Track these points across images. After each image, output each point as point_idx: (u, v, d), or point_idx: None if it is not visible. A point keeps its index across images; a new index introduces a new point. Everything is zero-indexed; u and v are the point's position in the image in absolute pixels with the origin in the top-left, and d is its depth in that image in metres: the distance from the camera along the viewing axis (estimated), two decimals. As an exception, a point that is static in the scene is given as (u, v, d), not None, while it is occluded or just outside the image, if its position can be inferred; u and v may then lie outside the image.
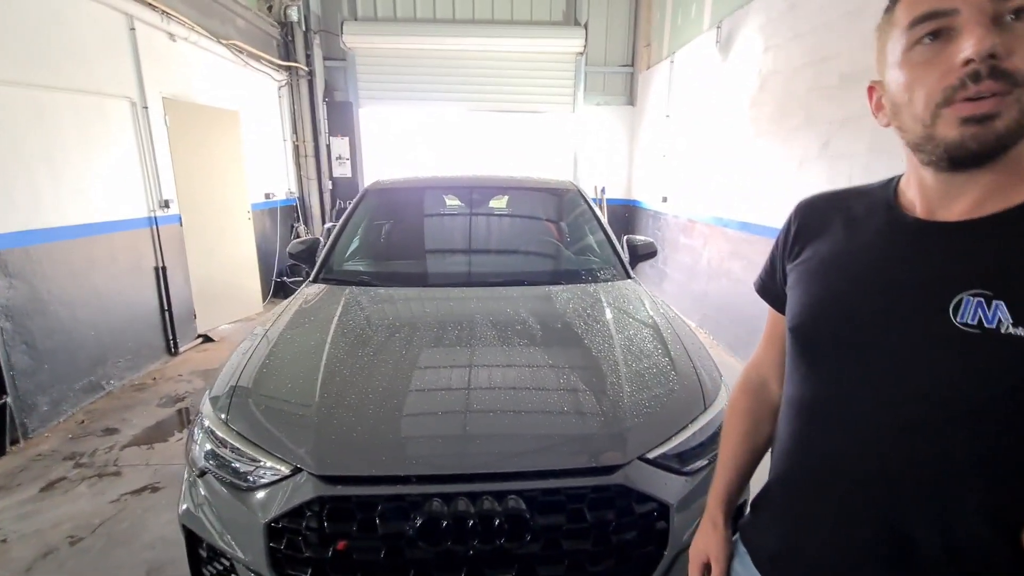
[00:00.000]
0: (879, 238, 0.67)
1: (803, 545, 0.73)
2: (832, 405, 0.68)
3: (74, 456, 2.77)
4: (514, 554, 1.19)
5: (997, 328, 0.54)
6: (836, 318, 0.68)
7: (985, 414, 0.56)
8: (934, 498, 0.60)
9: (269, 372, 1.56)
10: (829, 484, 0.69)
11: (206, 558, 1.37)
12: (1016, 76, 0.51)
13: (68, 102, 3.20)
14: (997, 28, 0.52)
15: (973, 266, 0.58)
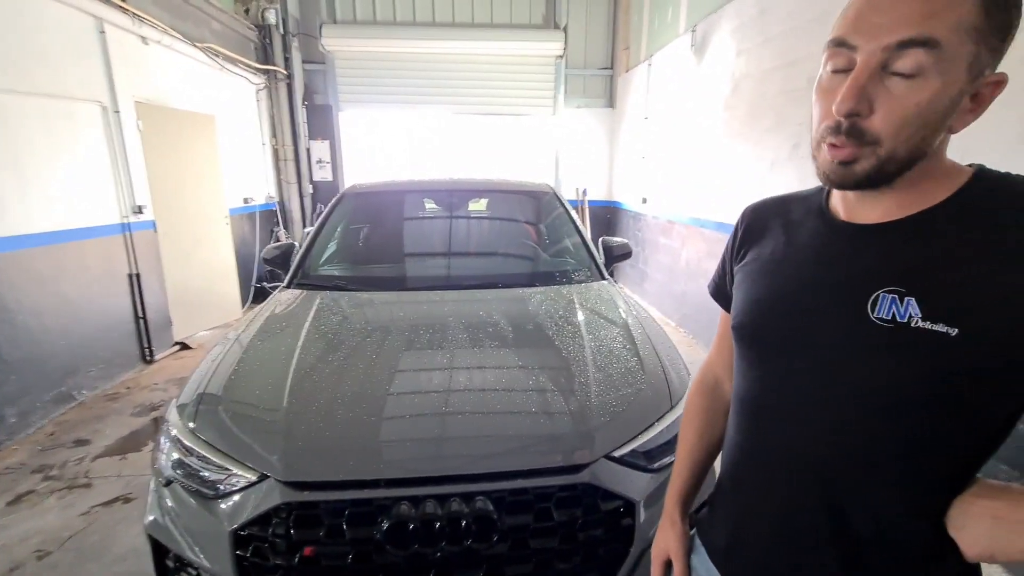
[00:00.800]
0: (811, 240, 0.70)
1: (750, 538, 0.75)
2: (772, 401, 0.70)
3: (43, 469, 2.71)
4: (482, 555, 1.20)
5: (908, 323, 0.57)
6: (774, 317, 0.70)
7: (902, 406, 0.59)
8: (865, 488, 0.63)
9: (238, 379, 1.54)
10: (772, 478, 0.71)
11: (173, 568, 1.35)
12: (869, 136, 0.56)
13: (35, 107, 3.13)
14: (879, 79, 0.55)
15: (889, 265, 0.61)
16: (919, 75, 0.53)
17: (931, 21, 0.52)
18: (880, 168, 0.58)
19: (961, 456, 0.60)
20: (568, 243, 2.61)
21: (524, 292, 2.15)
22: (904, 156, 0.57)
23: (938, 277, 0.57)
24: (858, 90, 0.55)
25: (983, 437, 0.60)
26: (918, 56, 0.52)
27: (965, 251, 0.57)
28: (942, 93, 0.54)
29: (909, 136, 0.56)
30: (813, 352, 0.65)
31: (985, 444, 0.60)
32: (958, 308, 0.55)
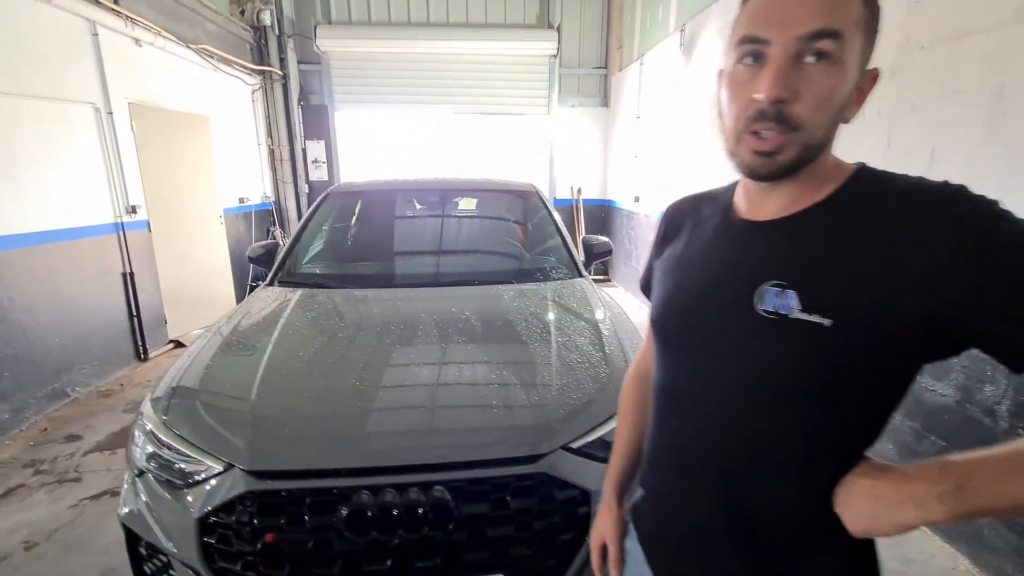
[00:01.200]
0: (714, 237, 0.73)
1: (667, 523, 0.79)
2: (676, 391, 0.74)
3: (34, 463, 2.76)
4: (439, 542, 1.24)
5: (788, 315, 0.60)
6: (676, 312, 0.74)
7: (785, 394, 0.63)
8: (758, 475, 0.67)
9: (211, 372, 1.59)
10: (679, 464, 0.75)
11: (145, 555, 1.40)
12: (794, 121, 0.58)
13: (29, 109, 3.19)
14: (796, 68, 0.58)
15: (773, 260, 0.64)
16: (829, 63, 0.57)
17: (835, 14, 0.57)
18: (802, 156, 0.61)
19: (847, 440, 0.63)
20: (548, 241, 2.65)
21: (499, 289, 2.19)
22: (819, 142, 0.61)
23: (815, 271, 0.61)
24: (782, 77, 0.58)
25: (867, 421, 0.63)
26: (828, 45, 0.57)
27: (840, 246, 0.60)
28: (845, 81, 0.58)
29: (824, 121, 0.60)
30: (708, 345, 0.69)
31: (871, 427, 0.64)
32: (832, 300, 0.59)
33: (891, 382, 0.61)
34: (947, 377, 2.07)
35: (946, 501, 0.53)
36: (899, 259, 0.57)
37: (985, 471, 0.53)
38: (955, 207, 0.57)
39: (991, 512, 0.54)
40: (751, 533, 0.69)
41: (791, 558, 0.67)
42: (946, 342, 0.58)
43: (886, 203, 0.60)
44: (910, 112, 2.20)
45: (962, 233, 0.55)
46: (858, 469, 0.62)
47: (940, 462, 0.56)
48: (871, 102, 2.13)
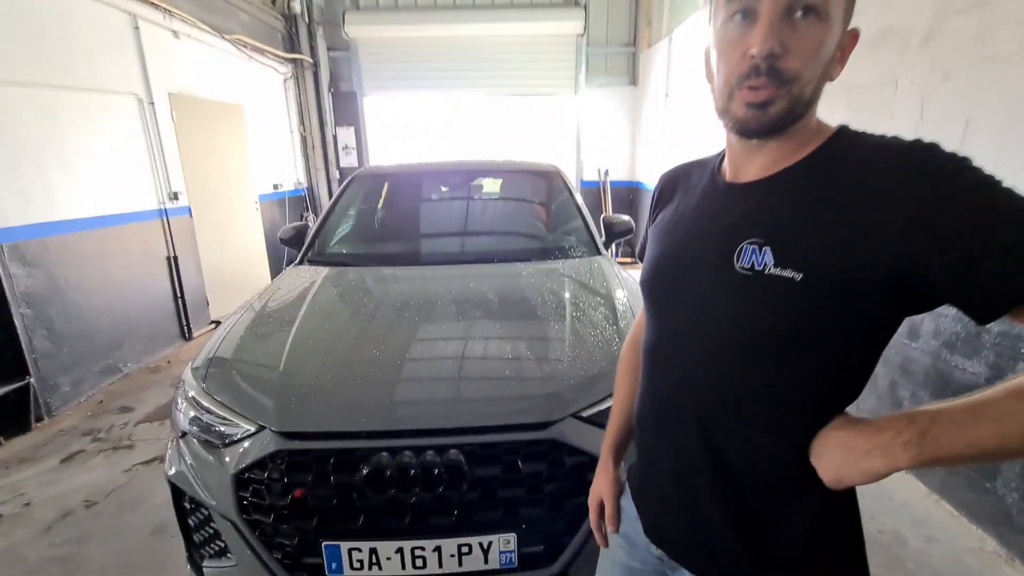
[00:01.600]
0: (700, 201, 0.76)
1: (652, 474, 0.83)
2: (662, 347, 0.78)
3: (92, 432, 3.00)
4: (453, 501, 1.31)
5: (763, 270, 0.63)
6: (665, 273, 0.78)
7: (761, 346, 0.66)
8: (735, 424, 0.70)
9: (244, 344, 1.70)
10: (662, 419, 0.79)
11: (189, 509, 1.53)
12: (786, 75, 0.61)
13: (77, 100, 3.39)
14: (787, 22, 0.60)
15: (751, 219, 0.67)
16: (817, 18, 0.60)
17: None
18: (790, 110, 0.63)
19: (820, 393, 0.66)
20: (568, 220, 2.67)
21: (519, 267, 2.23)
22: (808, 97, 0.63)
23: (789, 228, 0.64)
24: (775, 30, 0.60)
25: (841, 375, 0.65)
26: (816, 2, 0.59)
27: (813, 204, 0.63)
28: (832, 37, 0.61)
29: (813, 76, 0.62)
30: (692, 302, 0.72)
31: (846, 381, 0.66)
32: (803, 255, 0.61)
33: (863, 335, 0.63)
34: (978, 355, 2.02)
35: (910, 448, 0.56)
36: (866, 214, 0.58)
37: (947, 419, 0.55)
38: (921, 164, 0.58)
39: (953, 458, 0.56)
40: (729, 483, 0.72)
41: (768, 507, 0.70)
42: (913, 295, 0.59)
43: (858, 161, 0.62)
44: (943, 81, 2.11)
45: (926, 188, 0.56)
46: (833, 423, 0.65)
47: (907, 413, 0.58)
48: (904, 72, 2.06)
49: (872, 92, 2.48)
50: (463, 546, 1.32)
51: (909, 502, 2.23)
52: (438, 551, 1.32)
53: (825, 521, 0.69)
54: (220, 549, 1.49)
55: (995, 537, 1.98)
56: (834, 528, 0.70)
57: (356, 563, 1.32)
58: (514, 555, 1.34)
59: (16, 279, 2.93)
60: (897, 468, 0.58)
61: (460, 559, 1.32)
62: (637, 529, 0.89)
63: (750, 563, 0.72)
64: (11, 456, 2.76)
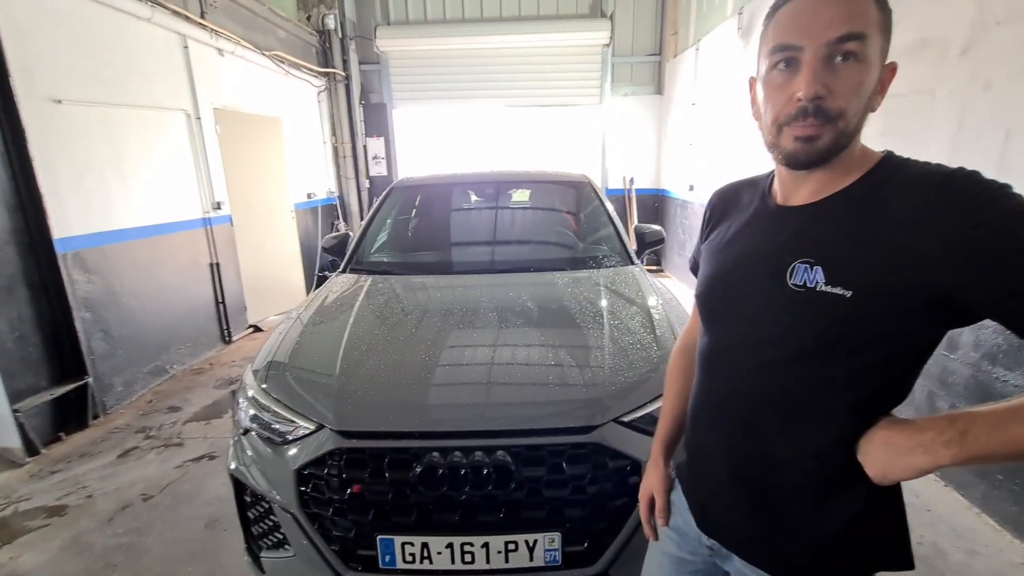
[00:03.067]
0: (753, 220, 0.82)
1: (703, 472, 0.89)
2: (716, 354, 0.84)
3: (144, 429, 3.16)
4: (501, 500, 1.38)
5: (815, 287, 0.69)
6: (719, 288, 0.85)
7: (806, 355, 0.72)
8: (782, 423, 0.77)
9: (300, 349, 1.80)
10: (714, 419, 0.85)
11: (250, 503, 1.62)
12: (831, 113, 0.68)
13: (134, 116, 3.60)
14: (828, 68, 0.67)
15: (803, 240, 0.73)
16: (857, 61, 0.66)
17: (856, 19, 0.66)
18: (836, 142, 0.69)
19: (865, 397, 0.71)
20: (600, 230, 2.73)
21: (556, 276, 2.30)
22: (852, 130, 0.70)
23: (838, 249, 0.70)
24: (818, 77, 0.67)
25: (885, 381, 0.71)
26: (853, 46, 0.66)
27: (861, 227, 0.69)
28: (871, 75, 0.67)
29: (857, 110, 0.69)
30: (746, 314, 0.79)
31: (891, 387, 0.71)
32: (852, 274, 0.67)
33: (907, 346, 0.68)
34: (1021, 367, 2.00)
35: (951, 446, 0.61)
36: (909, 239, 0.64)
37: (986, 420, 0.61)
38: (964, 190, 0.63)
39: (992, 457, 0.61)
40: (777, 479, 0.78)
41: (814, 501, 0.76)
42: (954, 312, 0.64)
43: (901, 188, 0.68)
44: (983, 91, 2.11)
45: (963, 215, 0.61)
46: (880, 423, 0.70)
47: (948, 414, 0.64)
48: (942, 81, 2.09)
49: (909, 101, 2.48)
50: (510, 543, 1.38)
51: (949, 514, 2.21)
52: (486, 547, 1.38)
53: (869, 514, 0.74)
54: (278, 541, 1.58)
55: (1040, 551, 1.95)
56: (878, 520, 0.76)
57: (408, 556, 1.40)
58: (558, 553, 1.40)
59: (77, 285, 3.12)
60: (939, 465, 0.63)
61: (507, 556, 1.39)
62: (688, 521, 0.94)
63: (798, 551, 0.78)
64: (72, 451, 2.93)
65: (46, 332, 3.02)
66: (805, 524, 0.77)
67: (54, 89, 2.98)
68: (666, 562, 1.01)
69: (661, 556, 1.02)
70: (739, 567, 0.87)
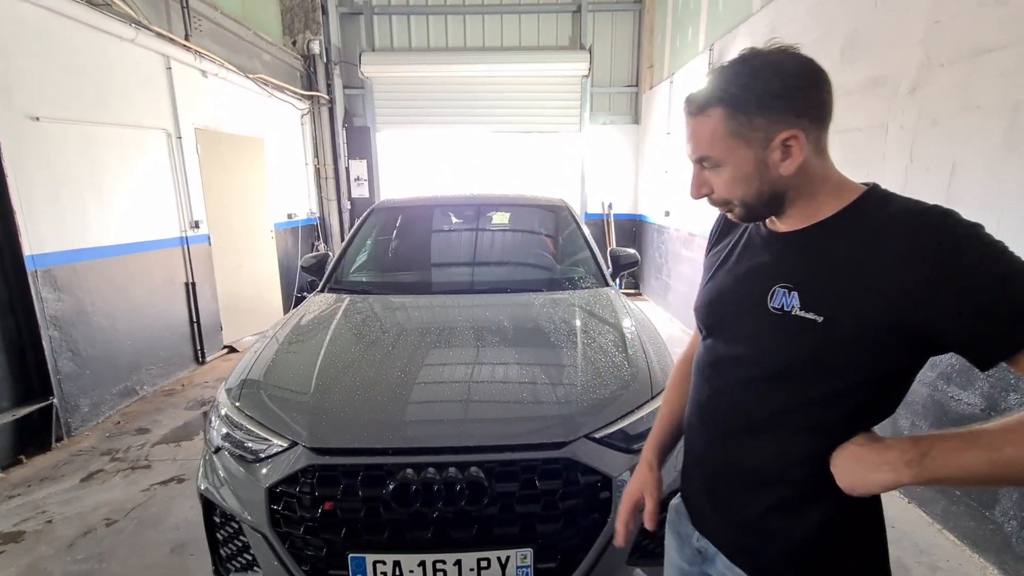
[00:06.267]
0: (748, 242, 0.89)
1: (695, 473, 0.94)
2: (706, 365, 0.91)
3: (110, 452, 3.07)
4: (474, 516, 1.39)
5: (791, 311, 0.75)
6: (712, 305, 0.91)
7: (783, 374, 0.78)
8: (760, 433, 0.82)
9: (274, 367, 1.80)
10: (700, 425, 0.91)
11: (219, 523, 1.60)
12: (720, 203, 0.82)
13: (113, 135, 3.59)
14: (705, 172, 0.80)
15: (783, 266, 0.79)
16: (715, 167, 0.78)
17: (702, 144, 0.78)
18: (749, 214, 0.81)
19: (838, 415, 0.75)
20: (577, 253, 2.80)
21: (530, 297, 2.35)
22: (758, 203, 0.79)
23: (815, 277, 0.75)
24: (696, 183, 0.82)
25: (856, 402, 0.74)
26: (708, 163, 0.79)
27: (837, 257, 0.74)
28: (740, 167, 0.77)
29: (742, 193, 0.78)
30: (732, 332, 0.85)
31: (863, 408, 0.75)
32: (826, 301, 0.73)
33: (878, 372, 0.72)
34: (972, 387, 2.10)
35: (912, 466, 0.66)
36: (883, 271, 0.68)
37: (945, 445, 0.65)
38: (936, 230, 0.67)
39: (948, 479, 0.66)
40: (753, 486, 0.83)
41: (786, 510, 0.80)
42: (924, 343, 0.69)
43: (880, 223, 0.72)
44: (931, 127, 2.26)
45: (937, 253, 0.65)
46: (854, 439, 0.74)
47: (914, 436, 0.69)
48: (893, 117, 2.22)
49: (865, 136, 2.64)
50: (482, 560, 1.39)
51: (912, 531, 2.27)
52: (458, 565, 1.39)
53: (841, 525, 0.78)
54: (247, 563, 1.56)
55: (996, 565, 2.02)
56: (852, 533, 0.79)
57: (380, 575, 1.39)
58: (530, 570, 1.41)
59: (47, 302, 3.06)
60: (901, 482, 0.68)
61: (479, 572, 1.39)
62: (685, 527, 0.98)
63: (773, 557, 0.82)
64: (33, 475, 2.82)
65: (12, 350, 2.94)
66: (779, 530, 0.81)
67: (32, 106, 2.97)
68: (672, 571, 1.05)
69: (669, 566, 1.06)
70: (721, 569, 0.90)
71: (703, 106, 0.76)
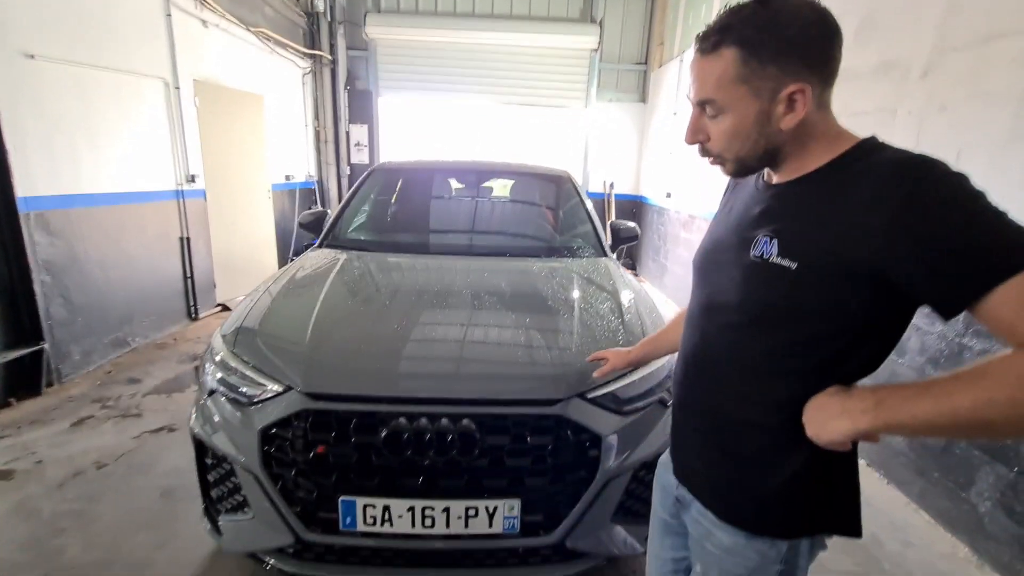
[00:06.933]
0: (747, 196, 0.89)
1: (682, 423, 0.97)
2: (694, 315, 0.92)
3: (101, 399, 3.07)
4: (464, 466, 1.41)
5: (769, 259, 0.75)
6: (706, 254, 0.92)
7: (759, 321, 0.78)
8: (738, 380, 0.83)
9: (270, 316, 1.80)
10: (686, 373, 0.93)
11: (211, 465, 1.61)
12: (713, 154, 0.81)
13: (109, 80, 3.50)
14: (704, 119, 0.79)
15: (769, 215, 0.80)
16: (717, 114, 0.77)
17: (708, 86, 0.76)
18: (740, 168, 0.81)
19: (812, 364, 0.76)
20: (578, 223, 2.79)
21: (531, 262, 2.35)
22: (751, 157, 0.78)
23: (791, 225, 0.75)
24: (693, 128, 0.80)
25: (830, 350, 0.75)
26: (711, 108, 0.77)
27: (817, 205, 0.73)
28: (742, 118, 0.75)
29: (738, 148, 0.78)
30: (719, 280, 0.86)
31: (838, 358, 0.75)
32: (799, 248, 0.73)
33: (850, 321, 0.72)
34: (958, 371, 2.13)
35: (867, 413, 0.68)
36: (856, 217, 0.68)
37: (900, 394, 0.67)
38: (914, 175, 0.65)
39: (901, 426, 0.66)
40: (730, 432, 0.85)
41: (759, 457, 0.82)
42: (893, 288, 0.68)
43: (862, 170, 0.71)
44: (939, 113, 2.25)
45: (910, 198, 0.64)
46: (826, 390, 0.75)
47: (873, 387, 0.70)
48: (902, 102, 2.20)
49: (872, 119, 2.62)
50: (470, 509, 1.42)
51: (889, 510, 2.33)
52: (447, 512, 1.41)
53: (812, 474, 0.80)
54: (238, 504, 1.57)
55: (968, 544, 2.08)
56: (822, 482, 0.81)
57: (369, 519, 1.41)
58: (517, 521, 1.44)
59: (39, 247, 3.02)
60: (858, 429, 0.68)
61: (466, 521, 1.42)
62: (668, 479, 1.02)
63: (744, 501, 0.84)
64: (22, 417, 2.83)
65: (2, 293, 2.92)
66: (751, 476, 0.83)
67: (27, 43, 2.89)
68: (656, 524, 1.09)
69: (654, 518, 1.10)
70: (695, 515, 0.93)
71: (716, 44, 0.74)
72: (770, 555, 0.84)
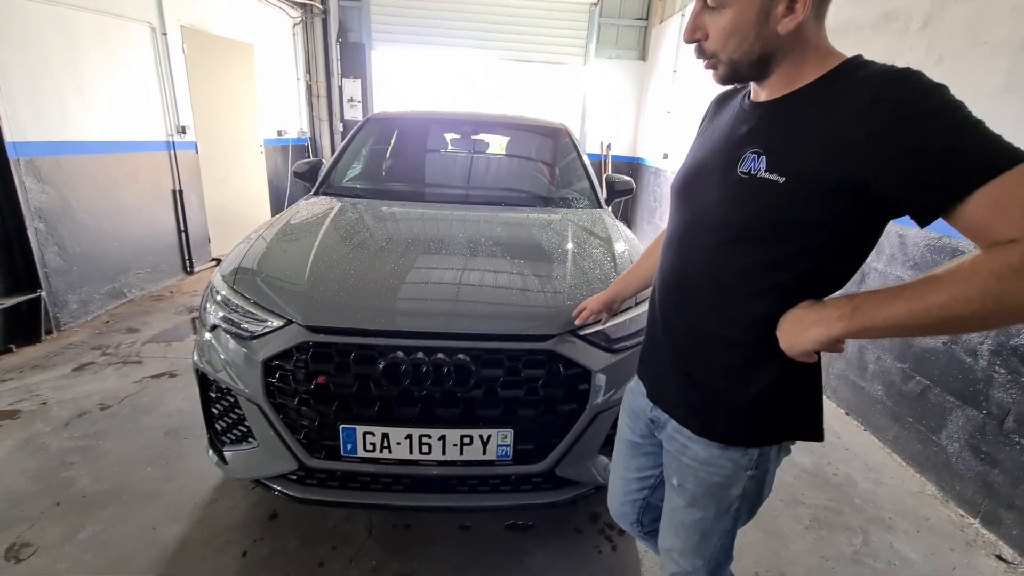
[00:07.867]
0: (731, 117, 0.90)
1: (656, 344, 1.00)
2: (674, 238, 0.94)
3: (101, 347, 3.12)
4: (459, 397, 1.47)
5: (756, 175, 0.78)
6: (687, 177, 0.93)
7: (743, 237, 0.81)
8: (717, 298, 0.86)
9: (268, 257, 1.82)
10: (665, 295, 0.96)
11: (215, 398, 1.67)
12: (708, 54, 0.82)
13: (95, 23, 3.39)
14: (704, 14, 0.79)
15: (756, 133, 0.81)
16: (718, 8, 0.77)
17: None
18: (731, 73, 0.81)
19: (792, 279, 0.79)
20: (574, 175, 2.79)
21: (524, 210, 2.37)
22: (745, 61, 0.78)
23: (780, 140, 0.77)
24: (692, 24, 0.81)
25: (810, 265, 0.78)
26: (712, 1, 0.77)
27: (804, 120, 0.76)
28: (742, 13, 0.76)
29: (734, 47, 0.78)
30: (702, 199, 0.87)
31: (816, 273, 0.79)
32: (787, 162, 0.75)
33: (834, 236, 0.75)
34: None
35: (843, 319, 0.71)
36: (843, 130, 0.70)
37: (874, 298, 0.70)
38: (896, 86, 0.67)
39: (874, 328, 0.70)
40: (706, 349, 0.89)
41: (734, 371, 0.87)
42: (873, 199, 0.71)
43: (848, 85, 0.72)
44: (937, 64, 2.24)
45: (891, 108, 0.66)
46: (799, 304, 0.79)
47: (848, 295, 0.73)
48: (902, 54, 2.19)
49: (871, 73, 2.61)
50: (465, 437, 1.49)
51: (864, 453, 2.45)
52: (443, 440, 1.48)
53: (782, 385, 0.85)
54: (242, 435, 1.64)
55: (935, 484, 2.21)
56: (791, 393, 0.87)
57: (369, 445, 1.48)
58: (509, 449, 1.51)
59: (31, 193, 3.00)
60: (831, 336, 0.72)
61: (462, 448, 1.49)
62: (639, 404, 1.06)
63: (717, 414, 0.90)
64: (24, 362, 2.88)
65: (-3, 239, 2.91)
66: (725, 390, 0.88)
67: (7, -20, 2.79)
68: (623, 447, 1.14)
69: (620, 443, 1.15)
70: (671, 432, 0.98)
71: None
72: (743, 463, 0.91)
